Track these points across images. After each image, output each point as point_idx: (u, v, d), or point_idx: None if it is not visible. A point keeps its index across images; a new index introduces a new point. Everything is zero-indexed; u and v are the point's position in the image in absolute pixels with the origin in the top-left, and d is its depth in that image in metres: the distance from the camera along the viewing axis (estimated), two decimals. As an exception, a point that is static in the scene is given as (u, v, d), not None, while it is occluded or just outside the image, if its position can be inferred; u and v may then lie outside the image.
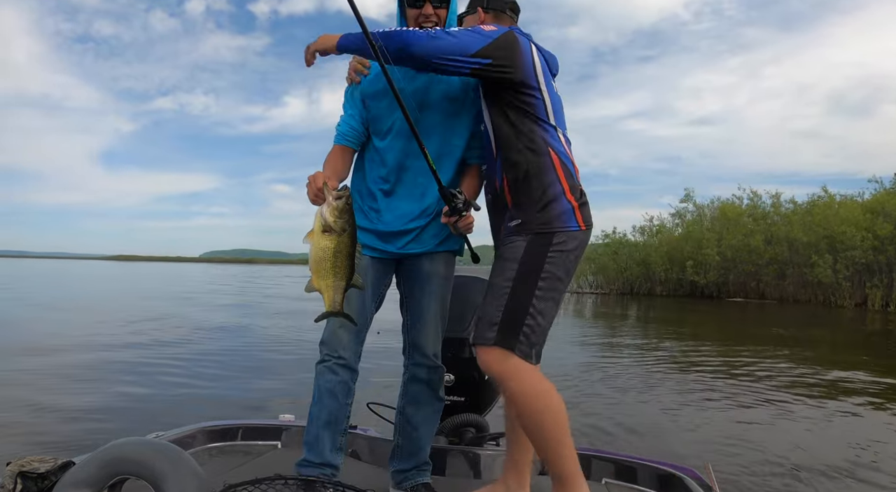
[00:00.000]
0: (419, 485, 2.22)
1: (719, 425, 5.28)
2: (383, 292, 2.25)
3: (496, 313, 1.81)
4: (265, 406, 5.36)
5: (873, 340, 13.55)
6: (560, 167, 1.89)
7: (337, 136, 2.17)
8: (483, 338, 1.83)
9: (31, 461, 1.79)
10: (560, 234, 1.84)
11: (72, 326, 11.77)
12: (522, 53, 1.90)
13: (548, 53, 2.05)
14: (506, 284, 1.83)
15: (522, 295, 1.81)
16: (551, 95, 1.96)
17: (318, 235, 1.83)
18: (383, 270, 2.21)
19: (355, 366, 2.17)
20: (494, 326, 1.81)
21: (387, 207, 2.16)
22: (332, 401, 2.14)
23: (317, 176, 1.90)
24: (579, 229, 1.88)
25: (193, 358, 7.97)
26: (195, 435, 2.61)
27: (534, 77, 1.91)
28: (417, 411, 2.25)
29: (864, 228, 26.24)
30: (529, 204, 1.88)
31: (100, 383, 6.28)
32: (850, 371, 8.19)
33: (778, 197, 33.13)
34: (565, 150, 1.94)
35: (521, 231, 1.87)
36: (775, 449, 4.50)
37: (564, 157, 1.92)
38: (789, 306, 25.84)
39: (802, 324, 17.02)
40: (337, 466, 2.15)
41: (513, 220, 1.91)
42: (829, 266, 26.64)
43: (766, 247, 29.62)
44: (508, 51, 1.87)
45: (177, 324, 12.22)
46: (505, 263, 1.87)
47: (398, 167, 2.15)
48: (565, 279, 1.87)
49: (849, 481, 3.91)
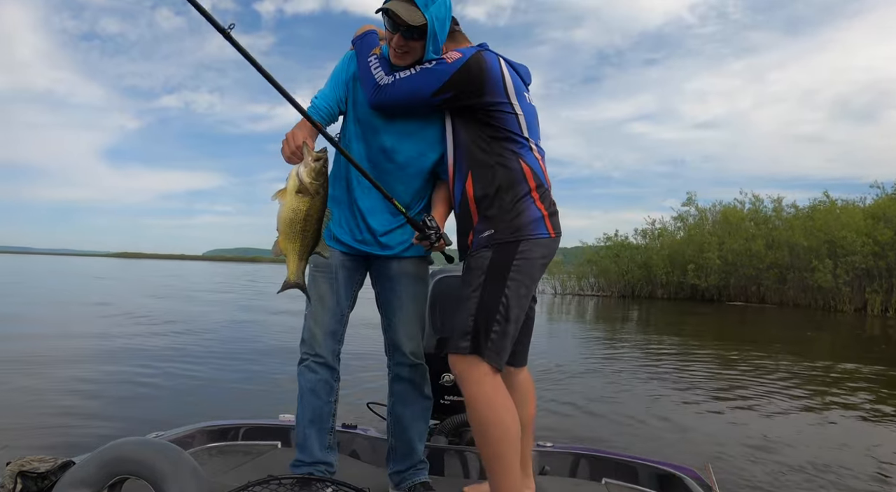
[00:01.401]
0: (417, 485, 2.23)
1: (719, 426, 5.29)
2: (356, 291, 2.24)
3: (467, 322, 1.84)
4: (265, 406, 5.34)
5: (871, 344, 13.51)
6: (532, 179, 1.91)
7: (310, 107, 2.10)
8: (457, 347, 1.86)
9: (31, 461, 1.80)
10: (525, 242, 1.87)
11: (71, 325, 11.73)
12: (489, 73, 1.89)
13: (519, 65, 2.05)
14: (474, 293, 1.86)
15: (490, 303, 1.84)
16: (524, 108, 1.97)
17: (291, 194, 1.78)
18: (354, 267, 2.20)
19: (334, 364, 2.18)
20: (467, 335, 1.84)
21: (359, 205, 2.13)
22: (315, 399, 2.15)
23: (296, 133, 1.89)
24: (549, 237, 1.91)
25: (194, 358, 7.96)
26: (195, 435, 2.62)
27: (503, 94, 1.92)
28: (405, 409, 2.25)
29: (864, 233, 26.17)
30: (500, 215, 1.89)
31: (100, 383, 6.26)
32: (848, 374, 8.22)
33: (780, 201, 33.08)
34: (538, 162, 1.97)
35: (490, 242, 1.89)
36: (775, 449, 4.52)
37: (537, 169, 1.94)
38: (789, 311, 25.75)
39: (802, 328, 16.97)
40: (330, 463, 2.17)
41: (484, 231, 1.92)
42: (829, 271, 26.57)
43: (768, 251, 29.53)
44: (472, 77, 1.87)
45: (178, 323, 12.19)
46: (472, 272, 1.90)
47: (371, 165, 2.10)
48: (531, 286, 1.91)
49: (849, 481, 3.91)
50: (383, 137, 2.07)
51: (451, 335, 1.90)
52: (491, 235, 1.90)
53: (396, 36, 1.92)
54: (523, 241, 1.87)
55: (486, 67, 1.89)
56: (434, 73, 1.88)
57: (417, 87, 1.89)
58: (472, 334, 1.83)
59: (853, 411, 5.90)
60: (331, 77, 2.16)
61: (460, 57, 1.89)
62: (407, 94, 1.91)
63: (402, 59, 1.98)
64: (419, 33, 1.91)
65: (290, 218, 1.80)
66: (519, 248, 1.87)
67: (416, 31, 1.90)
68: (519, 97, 1.97)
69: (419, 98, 1.91)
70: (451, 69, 1.87)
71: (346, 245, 2.16)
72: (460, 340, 1.85)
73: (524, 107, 1.98)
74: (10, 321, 11.87)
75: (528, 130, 1.98)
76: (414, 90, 1.90)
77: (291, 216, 1.79)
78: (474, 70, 1.88)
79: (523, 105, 1.98)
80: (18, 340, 9.36)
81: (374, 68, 1.99)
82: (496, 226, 1.89)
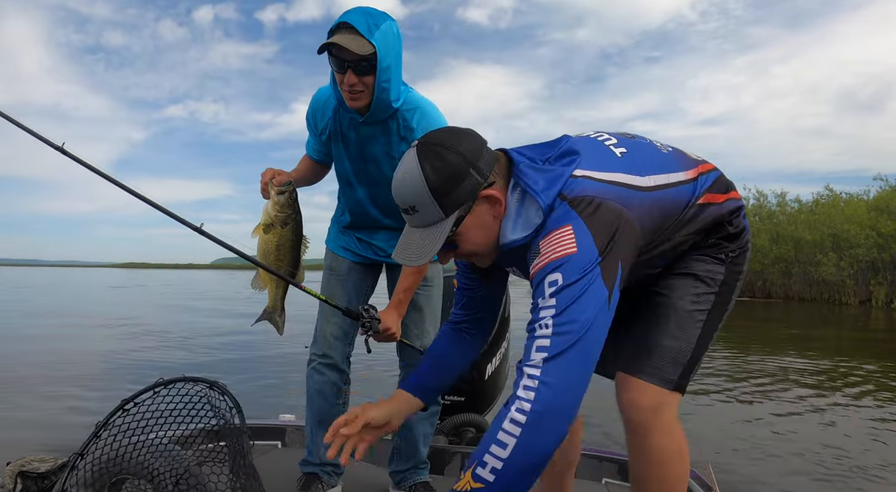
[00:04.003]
0: (417, 484, 2.23)
1: (720, 425, 5.23)
2: (368, 294, 2.26)
3: (687, 348, 1.39)
4: (266, 406, 5.26)
5: (875, 339, 13.47)
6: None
7: (307, 148, 2.22)
8: (662, 376, 1.37)
9: (31, 461, 1.81)
10: (745, 255, 1.50)
11: (74, 329, 11.79)
12: (631, 230, 1.22)
13: (634, 154, 1.35)
14: (701, 312, 1.41)
15: (710, 331, 1.42)
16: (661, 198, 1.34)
17: (262, 229, 1.88)
18: (364, 272, 2.24)
19: (343, 367, 2.19)
20: (681, 365, 1.38)
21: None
22: (322, 401, 2.17)
23: (266, 172, 1.94)
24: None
25: (195, 358, 7.94)
26: (195, 435, 2.68)
27: (651, 222, 1.31)
28: None
29: (868, 226, 26.13)
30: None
31: (101, 383, 6.25)
32: (853, 370, 8.07)
33: (784, 196, 33.06)
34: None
35: (720, 252, 1.45)
36: (776, 449, 4.49)
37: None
38: (794, 305, 25.68)
39: (808, 323, 16.89)
40: (337, 464, 2.19)
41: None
42: (833, 264, 26.58)
43: (772, 246, 29.56)
44: (621, 244, 1.18)
45: (179, 325, 12.21)
46: (699, 284, 1.43)
47: (360, 210, 2.15)
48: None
49: (852, 481, 3.87)
50: (357, 190, 2.13)
51: (650, 353, 1.39)
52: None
53: (348, 74, 1.80)
54: (744, 253, 1.49)
55: (624, 227, 1.20)
56: (591, 288, 1.11)
57: (593, 313, 1.11)
58: (686, 365, 1.39)
59: (857, 411, 5.83)
60: (307, 124, 2.18)
61: (571, 236, 1.15)
62: (590, 350, 1.11)
63: (358, 100, 1.87)
64: (369, 65, 1.79)
65: (265, 249, 1.90)
66: (744, 267, 1.50)
67: (366, 65, 1.79)
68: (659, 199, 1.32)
69: (606, 320, 1.15)
70: (590, 259, 1.13)
71: (356, 254, 2.22)
72: (669, 366, 1.38)
73: (661, 196, 1.33)
74: (16, 324, 11.99)
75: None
76: (595, 324, 1.11)
77: (265, 248, 1.90)
78: (615, 231, 1.18)
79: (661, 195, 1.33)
80: (20, 341, 9.42)
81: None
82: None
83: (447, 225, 1.24)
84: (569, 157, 1.27)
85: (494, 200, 1.26)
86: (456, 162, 1.21)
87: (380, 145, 2.00)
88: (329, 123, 2.05)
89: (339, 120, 2.02)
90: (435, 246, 1.25)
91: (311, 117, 2.12)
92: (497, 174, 1.28)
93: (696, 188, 1.38)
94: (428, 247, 1.26)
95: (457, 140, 1.25)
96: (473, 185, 1.23)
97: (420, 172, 1.21)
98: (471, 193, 1.23)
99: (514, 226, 1.26)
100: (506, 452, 1.02)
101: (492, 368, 3.04)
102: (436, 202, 1.22)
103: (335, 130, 2.04)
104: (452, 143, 1.24)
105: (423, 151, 1.23)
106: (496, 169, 1.28)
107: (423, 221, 1.25)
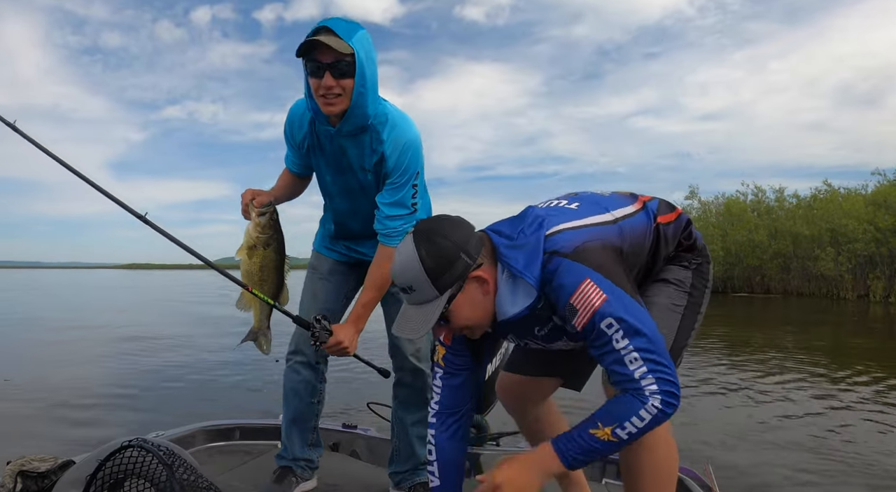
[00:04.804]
0: (417, 484, 2.23)
1: (720, 425, 5.19)
2: (350, 294, 2.25)
3: (669, 337, 1.52)
4: (265, 406, 5.29)
5: (875, 334, 13.55)
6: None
7: (286, 161, 2.18)
8: None
9: (32, 461, 1.81)
10: (708, 266, 1.70)
11: (75, 329, 11.78)
12: (616, 254, 1.48)
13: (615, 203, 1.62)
14: (676, 308, 1.60)
15: (688, 325, 1.61)
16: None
17: (245, 250, 1.88)
18: (348, 272, 2.25)
19: (319, 365, 2.21)
20: None
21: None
22: (297, 401, 2.20)
23: (246, 193, 1.95)
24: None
25: (195, 359, 7.87)
26: (195, 435, 2.62)
27: (632, 244, 1.55)
28: (406, 413, 2.25)
29: (866, 220, 26.28)
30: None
31: (101, 383, 6.26)
32: (852, 366, 8.03)
33: (782, 192, 33.22)
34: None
35: (682, 261, 1.67)
36: (777, 449, 4.47)
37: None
38: (793, 299, 25.86)
39: (807, 320, 16.91)
40: (310, 458, 2.24)
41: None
42: (831, 259, 26.74)
43: (771, 241, 29.69)
44: (618, 267, 1.44)
45: (181, 326, 12.20)
46: (670, 285, 1.63)
47: (343, 218, 2.15)
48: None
49: (854, 481, 3.83)
50: (337, 201, 2.15)
51: None
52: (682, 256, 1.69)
53: (325, 77, 1.79)
54: (707, 264, 1.71)
55: (614, 257, 1.46)
56: (639, 315, 1.36)
57: (657, 350, 1.34)
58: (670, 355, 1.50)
59: (860, 410, 5.78)
60: (285, 139, 2.15)
61: (604, 297, 1.35)
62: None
63: (334, 106, 1.84)
64: (348, 67, 1.79)
65: (247, 271, 1.90)
66: (709, 275, 1.70)
67: (345, 65, 1.78)
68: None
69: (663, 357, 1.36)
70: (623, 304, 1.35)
71: (341, 254, 2.23)
72: None
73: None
74: (19, 325, 12.05)
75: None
76: (660, 360, 1.35)
77: (249, 269, 1.89)
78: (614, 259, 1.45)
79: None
80: (22, 343, 9.44)
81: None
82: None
83: (441, 302, 1.41)
84: (537, 223, 1.47)
85: (483, 280, 1.44)
86: (448, 247, 1.40)
87: (354, 157, 2.00)
88: (307, 135, 2.04)
89: (316, 133, 2.02)
90: (431, 320, 1.42)
91: (288, 131, 2.10)
92: (485, 256, 1.46)
93: (648, 214, 1.61)
94: (424, 321, 1.43)
95: (447, 228, 1.44)
96: (464, 267, 1.41)
97: (416, 256, 1.39)
98: (461, 274, 1.41)
99: (513, 301, 1.44)
100: (643, 424, 1.31)
101: (492, 368, 3.12)
102: (430, 282, 1.39)
103: (313, 143, 2.04)
104: (443, 230, 1.43)
105: (418, 237, 1.42)
106: (483, 252, 1.45)
107: (420, 299, 1.43)
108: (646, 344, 1.33)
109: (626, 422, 1.32)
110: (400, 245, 1.46)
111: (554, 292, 1.39)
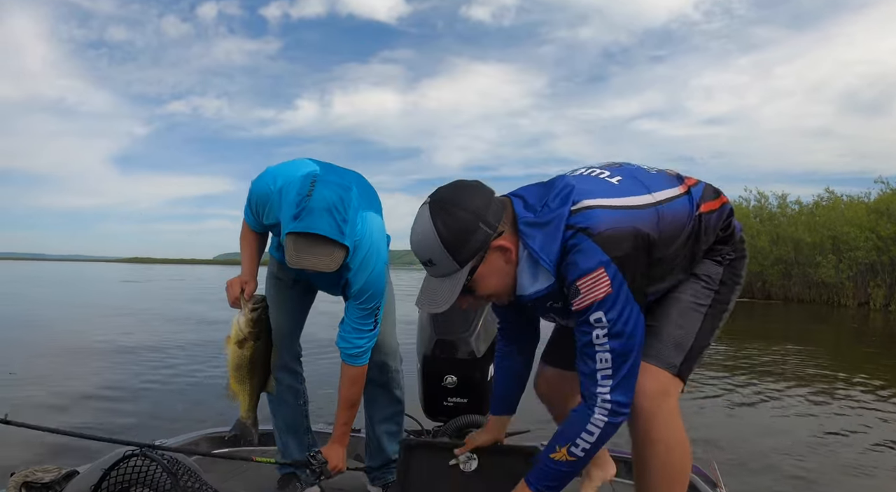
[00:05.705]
0: (390, 483, 2.26)
1: (724, 423, 5.23)
2: (307, 308, 2.26)
3: (689, 336, 1.50)
4: (268, 412, 5.26)
5: (875, 340, 13.57)
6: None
7: (246, 217, 2.03)
8: (665, 359, 1.47)
9: (35, 471, 1.80)
10: (743, 261, 1.62)
11: (76, 331, 11.52)
12: (646, 244, 1.39)
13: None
14: (701, 306, 1.53)
15: (710, 326, 1.54)
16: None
17: (234, 343, 1.87)
18: (309, 283, 2.20)
19: (295, 367, 2.23)
20: (683, 351, 1.48)
21: None
22: (284, 407, 2.22)
23: (233, 284, 1.88)
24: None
25: (197, 364, 7.83)
26: (198, 442, 2.62)
27: (670, 231, 1.45)
28: (374, 410, 2.27)
29: (867, 228, 26.28)
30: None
31: (103, 391, 6.17)
32: (852, 370, 8.06)
33: (784, 198, 33.22)
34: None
35: (716, 255, 1.58)
36: (781, 447, 4.49)
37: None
38: (794, 306, 25.81)
39: (809, 324, 16.96)
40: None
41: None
42: (832, 266, 26.78)
43: (772, 247, 29.73)
44: (640, 262, 1.38)
45: (182, 327, 12.06)
46: (699, 282, 1.55)
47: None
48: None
49: (856, 481, 3.87)
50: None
51: (653, 341, 1.48)
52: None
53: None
54: (742, 258, 1.62)
55: (624, 263, 1.34)
56: (634, 320, 1.35)
57: (634, 347, 1.37)
58: (689, 352, 1.49)
59: (863, 410, 5.82)
60: (247, 204, 1.99)
61: (608, 291, 1.32)
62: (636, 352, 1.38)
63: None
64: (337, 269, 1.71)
65: (237, 364, 1.90)
66: (742, 271, 1.63)
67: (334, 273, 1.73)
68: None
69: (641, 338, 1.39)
70: (617, 300, 1.33)
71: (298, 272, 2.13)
72: (672, 351, 1.48)
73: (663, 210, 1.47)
74: (19, 325, 11.93)
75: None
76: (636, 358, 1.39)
77: (238, 362, 1.89)
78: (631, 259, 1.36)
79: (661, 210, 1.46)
80: (23, 344, 9.32)
81: None
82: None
83: (462, 274, 1.38)
84: (563, 194, 1.40)
85: (505, 248, 1.40)
86: (465, 218, 1.34)
87: (320, 280, 2.03)
88: (273, 227, 1.97)
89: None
90: (453, 293, 1.39)
91: (254, 206, 1.94)
92: (506, 223, 1.40)
93: (691, 201, 1.51)
94: (447, 294, 1.39)
95: (465, 196, 1.38)
96: (483, 237, 1.36)
97: (433, 228, 1.35)
98: (482, 246, 1.36)
99: (533, 279, 1.42)
100: (593, 438, 1.37)
101: (493, 369, 3.19)
102: (450, 255, 1.35)
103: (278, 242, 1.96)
104: (460, 199, 1.37)
105: (434, 208, 1.37)
106: (504, 218, 1.40)
107: (441, 272, 1.39)
108: (622, 351, 1.34)
109: (578, 438, 1.37)
110: (417, 216, 1.40)
111: (567, 267, 1.35)
